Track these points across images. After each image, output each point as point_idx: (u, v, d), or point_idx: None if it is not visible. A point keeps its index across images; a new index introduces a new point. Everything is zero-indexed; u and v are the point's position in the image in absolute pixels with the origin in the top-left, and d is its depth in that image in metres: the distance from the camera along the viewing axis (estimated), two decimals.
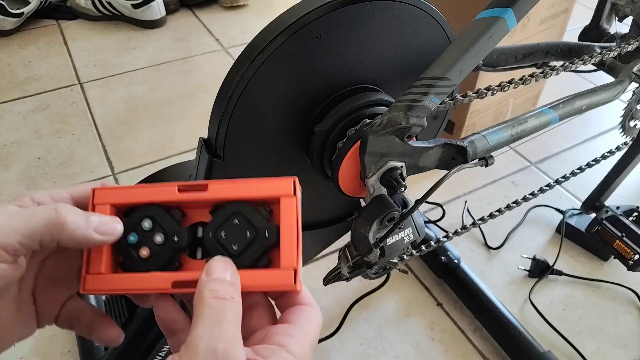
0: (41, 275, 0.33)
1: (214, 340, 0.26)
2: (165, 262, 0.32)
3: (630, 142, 0.84)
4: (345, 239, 0.57)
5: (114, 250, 0.32)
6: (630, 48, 0.68)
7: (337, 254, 0.57)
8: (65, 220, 0.29)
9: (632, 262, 0.81)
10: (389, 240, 0.53)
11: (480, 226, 1.02)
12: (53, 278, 0.33)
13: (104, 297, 0.84)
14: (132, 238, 0.32)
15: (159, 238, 0.32)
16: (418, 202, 0.51)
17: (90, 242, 0.30)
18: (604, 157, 0.81)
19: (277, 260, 0.31)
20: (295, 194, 0.31)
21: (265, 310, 0.32)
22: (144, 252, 0.32)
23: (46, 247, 0.29)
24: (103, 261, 0.31)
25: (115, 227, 0.31)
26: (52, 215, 0.29)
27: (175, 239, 0.32)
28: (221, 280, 0.29)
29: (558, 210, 1.05)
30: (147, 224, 0.32)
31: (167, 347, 0.65)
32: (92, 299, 0.83)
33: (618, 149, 0.85)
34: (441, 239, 0.66)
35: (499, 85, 0.56)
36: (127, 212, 0.32)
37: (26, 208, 0.30)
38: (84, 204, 0.32)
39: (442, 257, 0.90)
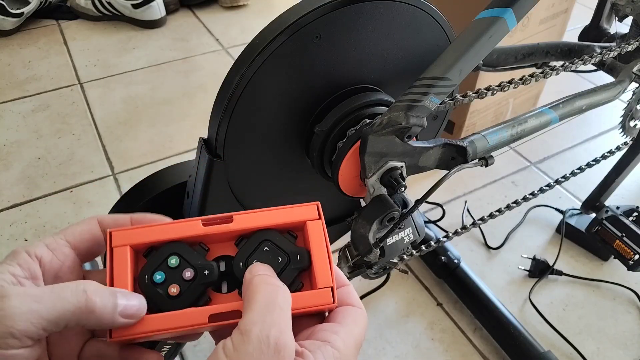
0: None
1: (267, 327, 0.26)
2: (196, 297, 0.31)
3: (630, 142, 0.84)
4: (345, 239, 0.57)
5: (136, 291, 0.31)
6: (630, 48, 0.68)
7: (337, 254, 0.57)
8: (94, 306, 0.27)
9: (632, 262, 0.81)
10: (389, 240, 0.53)
11: (480, 226, 1.02)
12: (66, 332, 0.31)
13: None
14: (159, 277, 0.31)
15: (188, 274, 0.31)
16: (418, 202, 0.51)
17: (113, 326, 0.29)
18: (604, 157, 0.81)
19: (310, 281, 0.32)
20: (320, 217, 0.33)
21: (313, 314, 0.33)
22: (174, 289, 0.31)
23: (69, 329, 0.28)
24: None
25: (140, 310, 0.30)
26: (81, 300, 0.27)
27: (206, 272, 0.31)
28: (265, 267, 0.30)
29: (558, 210, 1.05)
30: (173, 260, 0.31)
31: (168, 347, 0.65)
32: None
33: (618, 149, 0.85)
34: (441, 239, 0.66)
35: (499, 85, 0.56)
36: (148, 251, 0.32)
37: (50, 288, 0.27)
38: (83, 249, 0.31)
39: (442, 257, 0.90)
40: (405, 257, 0.58)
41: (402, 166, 0.51)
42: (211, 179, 0.50)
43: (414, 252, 0.60)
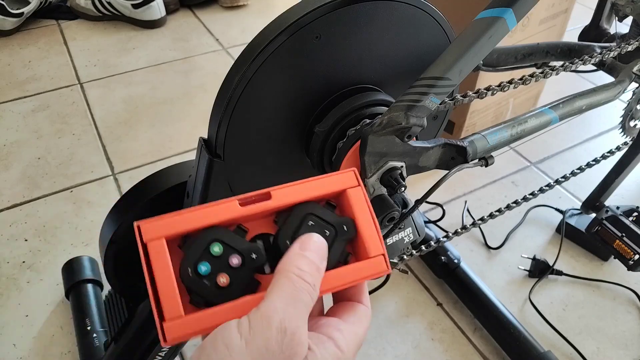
0: None
1: (287, 318, 0.25)
2: (247, 284, 0.29)
3: (630, 142, 0.84)
4: None
5: (180, 287, 0.28)
6: (630, 48, 0.68)
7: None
8: None
9: (632, 262, 0.81)
10: (389, 240, 0.53)
11: (480, 226, 1.02)
12: None
13: (103, 296, 0.84)
14: (204, 268, 0.28)
15: (235, 260, 0.29)
16: (418, 202, 0.51)
17: None
18: (604, 157, 0.81)
19: (360, 251, 0.31)
20: (359, 183, 0.31)
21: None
22: (223, 279, 0.28)
23: None
24: (178, 302, 0.27)
25: None
26: None
27: (254, 256, 0.29)
28: (311, 261, 0.28)
29: (558, 210, 1.05)
30: (217, 248, 0.28)
31: (168, 347, 0.65)
32: (91, 299, 0.83)
33: (618, 149, 0.85)
34: (441, 239, 0.66)
35: (499, 85, 0.56)
36: (183, 241, 0.29)
37: None
38: None
39: (442, 257, 0.90)
40: (405, 257, 0.58)
41: (402, 166, 0.51)
42: (211, 179, 0.50)
43: (414, 252, 0.60)
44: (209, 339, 0.26)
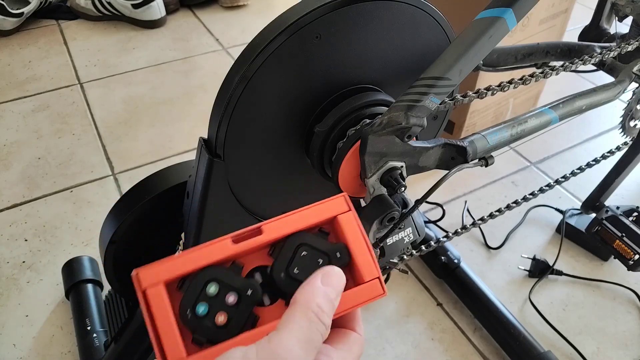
0: None
1: (296, 357, 0.25)
2: (245, 319, 0.29)
3: (630, 142, 0.84)
4: None
5: (180, 327, 0.28)
6: (630, 48, 0.68)
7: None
8: None
9: (632, 262, 0.81)
10: (389, 240, 0.53)
11: (480, 226, 1.02)
12: None
13: (103, 296, 0.84)
14: (202, 308, 0.29)
15: (231, 298, 0.29)
16: (418, 202, 0.51)
17: None
18: (604, 157, 0.81)
19: (355, 275, 0.31)
20: (350, 208, 0.32)
21: None
22: (221, 318, 0.29)
23: None
24: (180, 344, 0.28)
25: None
26: None
27: (249, 292, 0.29)
28: (330, 300, 0.28)
29: (558, 210, 1.05)
30: (212, 288, 0.29)
31: None
32: (91, 299, 0.83)
33: (618, 149, 0.85)
34: (441, 239, 0.66)
35: (499, 85, 0.56)
36: (181, 283, 0.29)
37: None
38: None
39: (442, 257, 0.90)
40: (405, 257, 0.58)
41: (402, 166, 0.51)
42: (211, 179, 0.50)
43: (414, 252, 0.60)
44: None
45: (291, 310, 0.27)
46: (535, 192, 0.74)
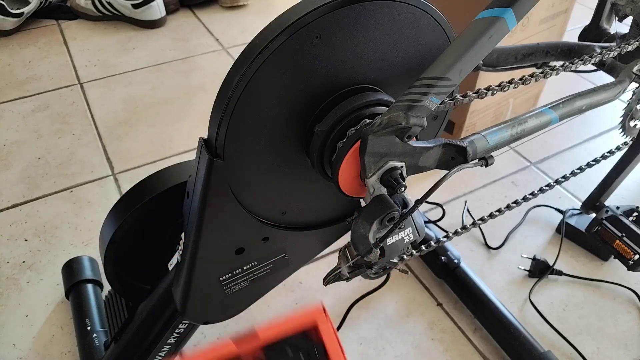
0: None
1: None
2: None
3: (630, 142, 0.84)
4: (345, 239, 0.57)
5: None
6: (630, 48, 0.68)
7: (337, 254, 0.57)
8: None
9: (632, 262, 0.81)
10: (389, 240, 0.53)
11: (480, 226, 1.02)
12: None
13: (103, 296, 0.84)
14: None
15: None
16: (418, 202, 0.51)
17: None
18: (604, 157, 0.81)
19: None
20: (326, 315, 0.39)
21: None
22: None
23: None
24: None
25: None
26: None
27: None
28: None
29: (558, 210, 1.05)
30: None
31: (167, 347, 0.65)
32: (91, 299, 0.83)
33: (618, 149, 0.85)
34: (441, 239, 0.66)
35: (499, 85, 0.56)
36: None
37: None
38: None
39: (442, 257, 0.90)
40: (405, 257, 0.58)
41: (402, 166, 0.51)
42: (211, 178, 0.50)
43: (414, 252, 0.60)
44: None
45: None
46: (535, 192, 0.74)
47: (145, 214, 0.62)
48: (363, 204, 0.53)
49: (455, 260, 0.90)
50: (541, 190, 0.74)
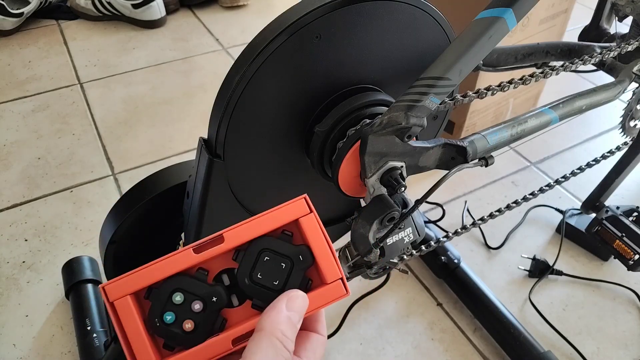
0: None
1: None
2: (212, 324, 0.31)
3: (630, 142, 0.84)
4: (345, 239, 0.57)
5: (150, 335, 0.30)
6: (630, 48, 0.68)
7: (337, 254, 0.57)
8: None
9: (632, 262, 0.81)
10: (389, 240, 0.53)
11: (480, 226, 1.02)
12: None
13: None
14: (169, 317, 0.30)
15: (197, 306, 0.30)
16: (418, 202, 0.51)
17: None
18: (604, 157, 0.81)
19: (319, 276, 0.32)
20: (311, 210, 0.32)
21: None
22: (188, 325, 0.30)
23: None
24: (150, 352, 0.29)
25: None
26: None
27: (214, 299, 0.31)
28: (293, 325, 0.29)
29: (558, 210, 1.05)
30: (178, 297, 0.30)
31: None
32: (91, 299, 0.83)
33: (618, 149, 0.85)
34: (441, 239, 0.66)
35: (499, 85, 0.56)
36: (148, 292, 0.31)
37: None
38: None
39: (442, 257, 0.90)
40: (405, 257, 0.58)
41: (402, 166, 0.51)
42: (211, 178, 0.50)
43: (414, 252, 0.60)
44: None
45: (257, 338, 0.28)
46: (535, 192, 0.74)
47: (145, 214, 0.62)
48: (363, 204, 0.53)
49: (455, 260, 0.90)
50: (541, 190, 0.74)
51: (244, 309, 0.31)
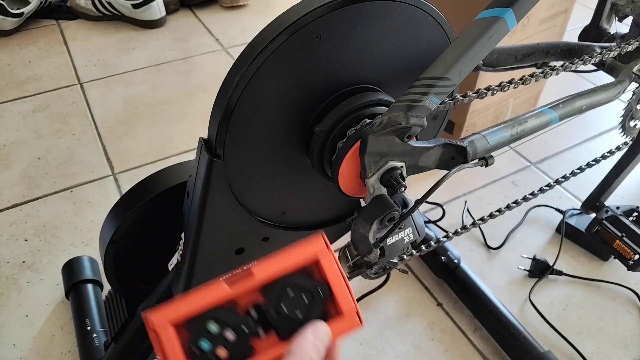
0: None
1: None
2: (244, 352, 0.34)
3: (630, 142, 0.84)
4: (345, 239, 0.57)
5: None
6: (630, 48, 0.68)
7: (337, 254, 0.57)
8: None
9: (632, 262, 0.81)
10: (389, 240, 0.53)
11: (480, 226, 1.02)
12: None
13: (103, 296, 0.84)
14: (206, 345, 0.33)
15: (230, 335, 0.33)
16: (418, 202, 0.51)
17: None
18: (604, 157, 0.81)
19: (334, 308, 0.35)
20: (328, 248, 0.35)
21: None
22: (223, 352, 0.33)
23: None
24: None
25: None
26: None
27: (245, 329, 0.34)
28: (319, 351, 0.32)
29: (558, 210, 1.05)
30: (213, 327, 0.33)
31: None
32: (91, 299, 0.83)
33: (618, 149, 0.85)
34: (441, 239, 0.66)
35: (499, 85, 0.56)
36: (188, 322, 0.34)
37: None
38: None
39: (442, 257, 0.90)
40: (405, 257, 0.58)
41: (402, 166, 0.51)
42: (211, 178, 0.50)
43: (414, 252, 0.60)
44: None
45: (288, 354, 0.31)
46: (535, 192, 0.74)
47: (145, 214, 0.62)
48: (363, 204, 0.53)
49: (455, 260, 0.90)
50: (541, 190, 0.74)
51: (269, 340, 0.34)
